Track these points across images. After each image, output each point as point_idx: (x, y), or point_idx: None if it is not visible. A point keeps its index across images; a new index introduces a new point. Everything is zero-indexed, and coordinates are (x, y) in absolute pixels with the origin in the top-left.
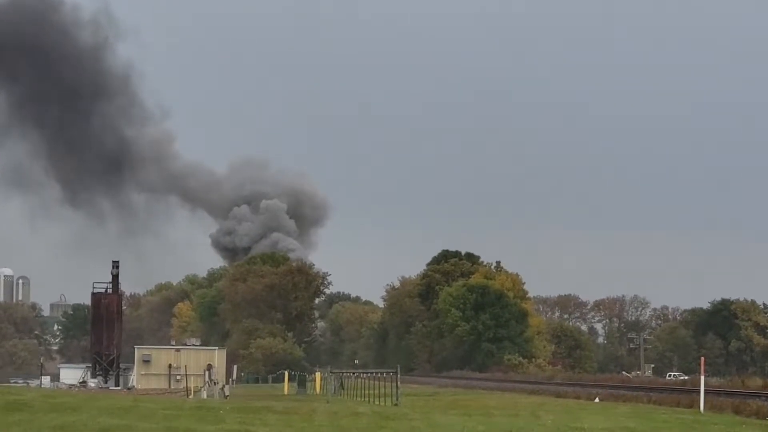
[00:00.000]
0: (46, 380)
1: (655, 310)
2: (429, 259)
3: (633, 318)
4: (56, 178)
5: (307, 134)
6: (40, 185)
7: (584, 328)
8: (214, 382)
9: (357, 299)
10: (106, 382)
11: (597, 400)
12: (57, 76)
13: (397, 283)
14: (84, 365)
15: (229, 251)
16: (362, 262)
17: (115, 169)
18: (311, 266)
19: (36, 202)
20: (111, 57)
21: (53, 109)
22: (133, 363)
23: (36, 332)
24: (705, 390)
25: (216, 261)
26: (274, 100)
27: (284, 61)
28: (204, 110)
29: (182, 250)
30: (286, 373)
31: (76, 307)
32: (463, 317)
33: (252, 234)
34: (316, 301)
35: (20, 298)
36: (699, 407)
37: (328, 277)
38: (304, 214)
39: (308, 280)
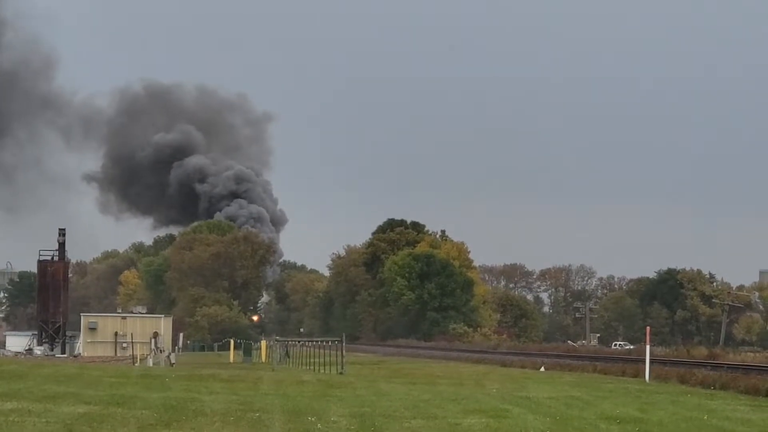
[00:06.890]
0: None
1: (601, 279)
2: (374, 228)
3: (579, 287)
4: None
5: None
6: None
7: (530, 297)
8: (160, 350)
9: (303, 268)
10: (52, 350)
11: (542, 369)
12: None
13: (342, 252)
14: (30, 333)
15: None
16: (308, 231)
17: None
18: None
19: None
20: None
21: None
22: (80, 331)
23: None
24: (650, 359)
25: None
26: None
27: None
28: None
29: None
30: (232, 342)
31: (23, 275)
32: (409, 286)
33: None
34: (270, 270)
35: None
36: (644, 377)
37: (274, 246)
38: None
39: (254, 249)
